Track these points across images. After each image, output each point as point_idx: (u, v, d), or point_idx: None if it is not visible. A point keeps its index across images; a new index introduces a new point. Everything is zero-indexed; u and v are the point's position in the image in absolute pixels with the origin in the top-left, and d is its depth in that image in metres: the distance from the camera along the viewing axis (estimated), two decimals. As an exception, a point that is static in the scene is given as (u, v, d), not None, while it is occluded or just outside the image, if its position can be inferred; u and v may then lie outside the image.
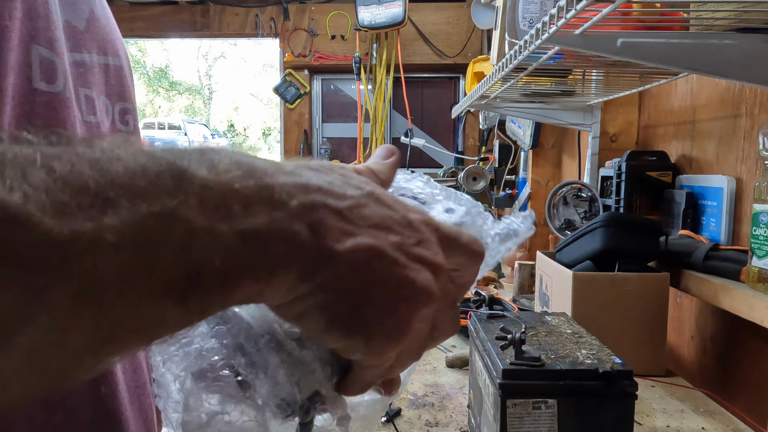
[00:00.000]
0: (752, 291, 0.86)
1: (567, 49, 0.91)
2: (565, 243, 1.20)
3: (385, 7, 3.27)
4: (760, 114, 1.03)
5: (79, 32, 0.41)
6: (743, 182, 1.07)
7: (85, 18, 0.41)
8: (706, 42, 0.72)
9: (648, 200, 1.28)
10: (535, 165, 2.32)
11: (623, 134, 1.60)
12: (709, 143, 1.19)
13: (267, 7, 3.61)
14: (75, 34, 0.40)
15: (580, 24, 0.72)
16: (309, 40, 3.62)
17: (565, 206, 1.57)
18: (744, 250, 0.93)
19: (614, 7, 0.64)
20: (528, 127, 2.20)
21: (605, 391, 0.66)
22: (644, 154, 1.33)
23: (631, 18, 0.78)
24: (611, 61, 1.04)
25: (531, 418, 0.65)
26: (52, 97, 0.35)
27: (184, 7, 3.55)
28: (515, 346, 0.68)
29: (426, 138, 3.40)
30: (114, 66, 0.45)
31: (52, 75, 0.35)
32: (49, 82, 0.35)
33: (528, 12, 1.01)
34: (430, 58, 3.56)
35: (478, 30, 3.37)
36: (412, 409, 1.04)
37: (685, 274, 1.05)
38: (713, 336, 1.14)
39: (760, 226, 0.83)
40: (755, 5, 0.68)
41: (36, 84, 0.34)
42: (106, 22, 0.44)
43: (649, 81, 1.25)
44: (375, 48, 3.50)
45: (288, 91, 3.71)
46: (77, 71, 0.40)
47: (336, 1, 3.59)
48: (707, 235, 1.14)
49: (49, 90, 0.35)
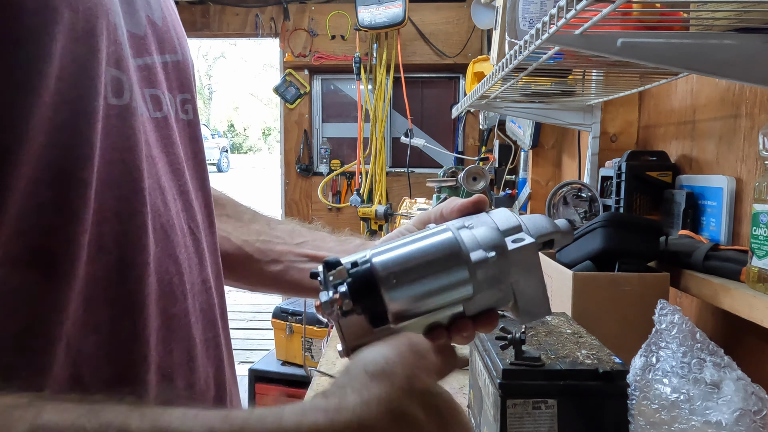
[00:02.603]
0: (752, 291, 0.86)
1: (567, 49, 0.91)
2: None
3: (385, 7, 3.27)
4: (760, 114, 1.03)
5: (139, 38, 0.45)
6: (743, 182, 1.07)
7: (143, 24, 0.46)
8: (706, 42, 0.72)
9: (648, 200, 1.28)
10: (535, 165, 2.32)
11: (623, 134, 1.60)
12: (709, 143, 1.19)
13: (267, 7, 3.61)
14: (137, 42, 0.45)
15: (580, 24, 0.72)
16: (309, 40, 3.62)
17: (565, 206, 1.57)
18: (744, 250, 0.93)
19: (614, 7, 0.64)
20: (528, 127, 2.20)
21: (605, 391, 0.66)
22: (644, 154, 1.33)
23: (631, 18, 0.78)
24: (611, 61, 1.04)
25: (531, 418, 0.65)
26: (121, 110, 0.40)
27: (184, 7, 3.55)
28: (515, 346, 0.68)
29: (426, 138, 3.39)
30: (171, 62, 0.49)
31: (120, 90, 0.40)
32: (118, 96, 0.40)
33: (528, 12, 1.01)
34: (430, 58, 3.56)
35: (478, 30, 3.37)
36: (412, 409, 1.04)
37: (685, 274, 1.05)
38: (713, 336, 1.14)
39: (760, 226, 0.83)
40: (755, 5, 0.68)
41: (110, 101, 0.39)
42: (162, 23, 0.49)
43: (649, 81, 1.25)
44: (375, 48, 3.50)
45: (288, 91, 3.71)
46: (142, 74, 0.45)
47: (336, 1, 3.59)
48: (707, 235, 1.14)
49: (118, 103, 0.40)
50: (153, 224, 0.42)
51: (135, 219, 0.40)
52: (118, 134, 0.39)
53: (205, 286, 0.48)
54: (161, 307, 0.42)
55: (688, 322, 0.75)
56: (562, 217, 1.67)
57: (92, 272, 0.37)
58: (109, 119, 0.39)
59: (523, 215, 0.46)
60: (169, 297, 0.43)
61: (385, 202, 3.56)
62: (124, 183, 0.40)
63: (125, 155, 0.40)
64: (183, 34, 0.53)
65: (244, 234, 0.63)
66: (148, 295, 0.40)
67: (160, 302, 0.42)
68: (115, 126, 0.39)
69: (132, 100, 0.41)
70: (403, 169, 3.55)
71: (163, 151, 0.46)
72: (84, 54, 0.37)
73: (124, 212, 0.39)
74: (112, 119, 0.39)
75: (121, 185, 0.39)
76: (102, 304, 0.38)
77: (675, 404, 0.67)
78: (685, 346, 0.71)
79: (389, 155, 3.77)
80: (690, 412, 0.66)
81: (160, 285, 0.42)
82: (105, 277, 0.38)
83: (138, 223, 0.40)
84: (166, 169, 0.46)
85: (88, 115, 0.37)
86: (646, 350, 0.74)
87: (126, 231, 0.39)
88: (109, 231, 0.38)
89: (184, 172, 0.48)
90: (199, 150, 0.52)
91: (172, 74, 0.49)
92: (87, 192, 0.36)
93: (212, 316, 0.49)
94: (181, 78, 0.50)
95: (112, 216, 0.39)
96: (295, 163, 3.81)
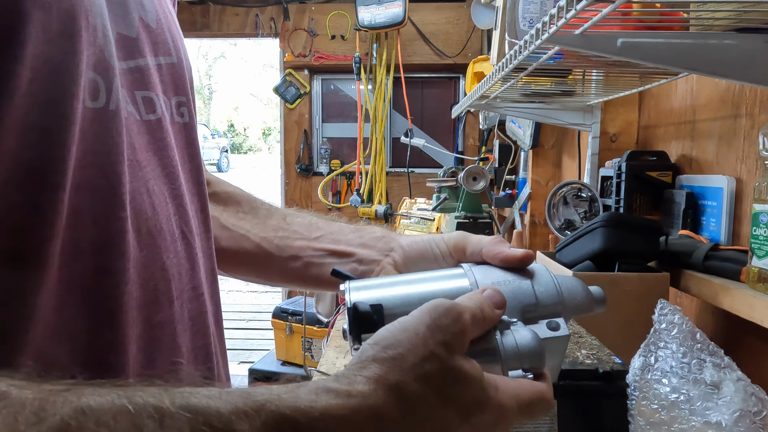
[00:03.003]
0: (752, 291, 0.85)
1: (567, 49, 0.91)
2: (565, 243, 1.20)
3: (385, 7, 3.27)
4: (760, 114, 1.03)
5: (131, 40, 0.44)
6: (743, 182, 1.07)
7: (135, 26, 0.45)
8: (706, 42, 0.72)
9: (648, 200, 1.28)
10: (535, 165, 2.32)
11: (623, 134, 1.60)
12: (709, 143, 1.19)
13: (267, 7, 3.61)
14: (128, 43, 0.44)
15: (580, 24, 0.72)
16: (309, 40, 3.62)
17: (565, 206, 1.57)
18: (744, 250, 0.93)
19: (614, 7, 0.64)
20: (528, 127, 2.20)
21: (605, 391, 0.66)
22: (644, 154, 1.33)
23: (631, 18, 0.78)
24: (611, 61, 1.04)
25: (531, 418, 0.65)
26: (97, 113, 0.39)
27: (184, 7, 3.55)
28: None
29: (426, 138, 3.40)
30: (166, 65, 0.48)
31: (95, 93, 0.39)
32: (94, 99, 0.39)
33: (528, 12, 1.01)
34: (430, 58, 3.56)
35: (478, 30, 3.37)
36: (412, 409, 1.04)
37: (685, 274, 1.05)
38: (713, 336, 1.14)
39: (760, 226, 0.83)
40: (755, 5, 0.68)
41: (87, 104, 0.38)
42: (156, 25, 0.48)
43: (649, 81, 1.25)
44: (375, 48, 3.50)
45: (288, 91, 3.71)
46: (133, 77, 0.44)
47: (336, 1, 3.59)
48: (707, 235, 1.14)
49: (94, 106, 0.39)
50: (137, 229, 0.41)
51: (113, 224, 0.39)
52: (94, 138, 0.39)
53: (195, 293, 0.47)
54: (144, 314, 0.41)
55: (688, 322, 0.75)
56: (562, 217, 1.67)
57: (67, 278, 0.36)
58: (84, 122, 0.38)
59: (559, 277, 0.43)
60: (153, 304, 0.42)
61: (385, 202, 3.57)
62: (100, 187, 0.39)
63: (102, 159, 0.39)
64: (180, 36, 0.53)
65: (261, 231, 0.62)
66: (127, 302, 0.39)
67: (144, 309, 0.41)
68: (91, 129, 0.38)
69: (109, 102, 0.40)
70: (403, 169, 3.56)
71: (155, 154, 0.45)
72: (59, 56, 0.36)
73: (101, 217, 0.38)
74: (88, 122, 0.38)
75: (97, 189, 0.38)
76: (78, 311, 0.37)
77: (675, 404, 0.67)
78: (685, 347, 0.71)
79: (389, 155, 3.78)
80: (690, 412, 0.66)
81: (143, 291, 0.41)
82: (81, 283, 0.37)
83: (116, 228, 0.39)
84: (157, 172, 0.45)
85: (61, 117, 0.36)
86: (644, 350, 0.74)
87: (103, 236, 0.38)
88: (85, 236, 0.37)
89: (177, 176, 0.47)
90: (196, 154, 0.51)
91: (166, 76, 0.48)
92: (59, 195, 0.36)
93: (203, 323, 0.48)
94: (176, 80, 0.50)
95: (88, 220, 0.38)
96: (295, 163, 3.81)
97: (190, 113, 0.51)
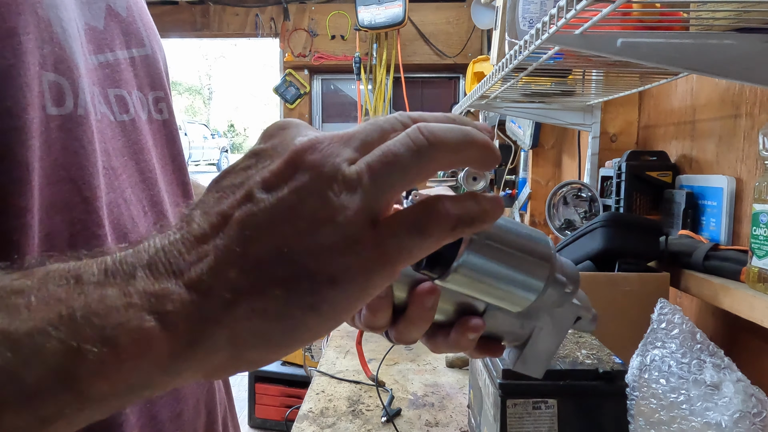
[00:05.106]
0: (752, 291, 0.85)
1: (567, 49, 0.91)
2: (565, 243, 1.20)
3: (385, 7, 3.27)
4: (760, 114, 1.03)
5: (99, 32, 0.40)
6: (743, 182, 1.07)
7: (102, 16, 0.41)
8: (706, 42, 0.72)
9: (648, 200, 1.28)
10: (535, 165, 2.32)
11: (623, 134, 1.60)
12: (709, 143, 1.19)
13: (267, 7, 3.60)
14: (96, 35, 0.40)
15: (580, 24, 0.72)
16: (309, 40, 3.61)
17: (565, 206, 1.57)
18: (744, 250, 0.93)
19: (614, 7, 0.64)
20: (528, 127, 2.20)
21: (605, 391, 0.66)
22: (644, 154, 1.33)
23: (631, 18, 0.78)
24: (611, 61, 1.04)
25: (531, 418, 0.65)
26: (64, 120, 0.35)
27: (184, 7, 3.55)
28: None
29: (426, 138, 3.39)
30: (140, 57, 0.44)
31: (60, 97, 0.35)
32: (59, 105, 0.35)
33: (528, 12, 1.01)
34: (430, 58, 3.56)
35: (478, 30, 3.37)
36: (412, 409, 1.04)
37: (685, 274, 1.05)
38: (713, 336, 1.14)
39: (760, 226, 0.83)
40: (755, 5, 0.68)
41: (49, 110, 0.34)
42: (127, 13, 0.44)
43: (649, 81, 1.25)
44: (375, 48, 3.50)
45: (288, 91, 3.71)
46: (103, 73, 0.40)
47: (336, 1, 3.59)
48: (707, 235, 1.14)
49: (59, 113, 0.35)
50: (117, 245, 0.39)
51: (92, 243, 0.35)
52: (62, 149, 0.34)
53: None
54: None
55: (688, 322, 0.75)
56: (562, 217, 1.66)
57: None
58: (49, 132, 0.34)
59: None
60: None
61: (385, 202, 3.56)
62: (73, 204, 0.35)
63: (73, 172, 0.35)
64: (151, 25, 0.48)
65: None
66: None
67: None
68: (57, 140, 0.34)
69: (78, 107, 0.36)
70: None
71: (132, 158, 0.42)
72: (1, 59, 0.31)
73: (78, 237, 0.35)
74: (53, 132, 0.34)
75: (71, 207, 0.35)
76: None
77: (674, 404, 0.67)
78: (685, 347, 0.71)
79: (389, 155, 3.77)
80: (690, 412, 0.66)
81: None
82: None
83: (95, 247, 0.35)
84: (134, 179, 0.41)
85: (17, 131, 0.31)
86: (642, 350, 0.74)
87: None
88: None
89: (156, 181, 0.44)
90: (178, 152, 0.48)
91: (141, 70, 0.44)
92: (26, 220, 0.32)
93: None
94: (152, 74, 0.46)
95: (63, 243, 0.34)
96: (295, 163, 3.80)
97: (168, 109, 0.48)
